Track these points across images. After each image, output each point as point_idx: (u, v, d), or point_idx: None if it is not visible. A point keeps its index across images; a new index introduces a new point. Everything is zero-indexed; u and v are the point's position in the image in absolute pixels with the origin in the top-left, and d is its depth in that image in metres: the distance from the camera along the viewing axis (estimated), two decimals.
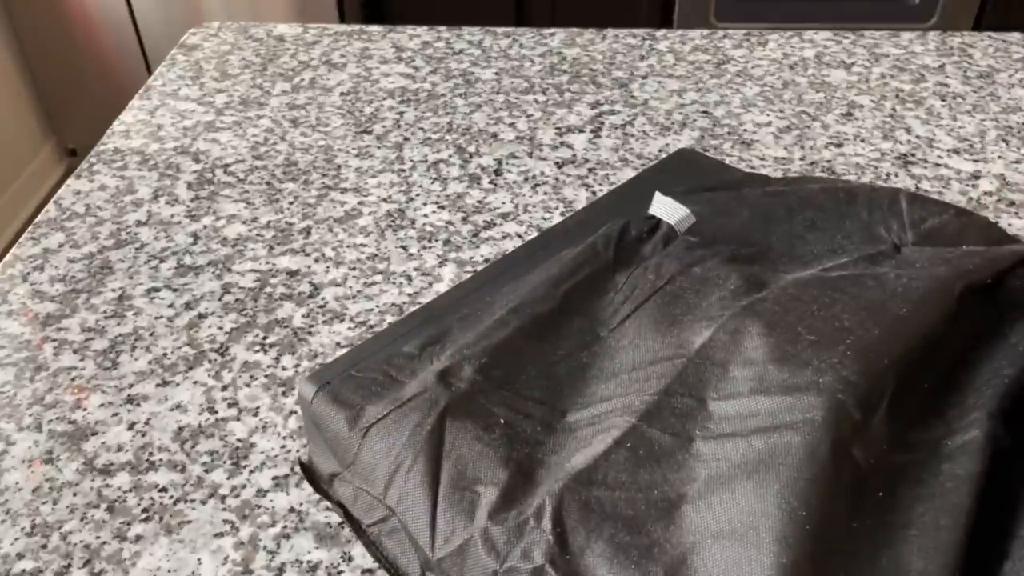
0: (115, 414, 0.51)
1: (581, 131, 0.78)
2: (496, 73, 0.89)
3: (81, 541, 0.44)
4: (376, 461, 0.38)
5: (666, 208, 0.50)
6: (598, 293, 0.46)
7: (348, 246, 0.64)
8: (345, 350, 0.54)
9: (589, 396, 0.39)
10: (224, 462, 0.48)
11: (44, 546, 0.43)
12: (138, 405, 0.51)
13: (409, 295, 0.59)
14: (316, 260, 0.63)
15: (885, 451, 0.35)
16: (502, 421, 0.38)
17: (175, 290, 0.60)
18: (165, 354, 0.55)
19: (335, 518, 0.44)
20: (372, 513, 0.39)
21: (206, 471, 0.47)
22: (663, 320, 0.42)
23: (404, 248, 0.63)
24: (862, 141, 0.76)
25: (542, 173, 0.72)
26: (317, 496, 0.45)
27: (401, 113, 0.82)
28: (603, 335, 0.43)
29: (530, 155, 0.74)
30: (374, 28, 0.99)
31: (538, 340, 0.42)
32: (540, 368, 0.41)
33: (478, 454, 0.36)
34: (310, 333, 0.56)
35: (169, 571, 0.42)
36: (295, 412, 0.50)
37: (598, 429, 0.37)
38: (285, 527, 0.44)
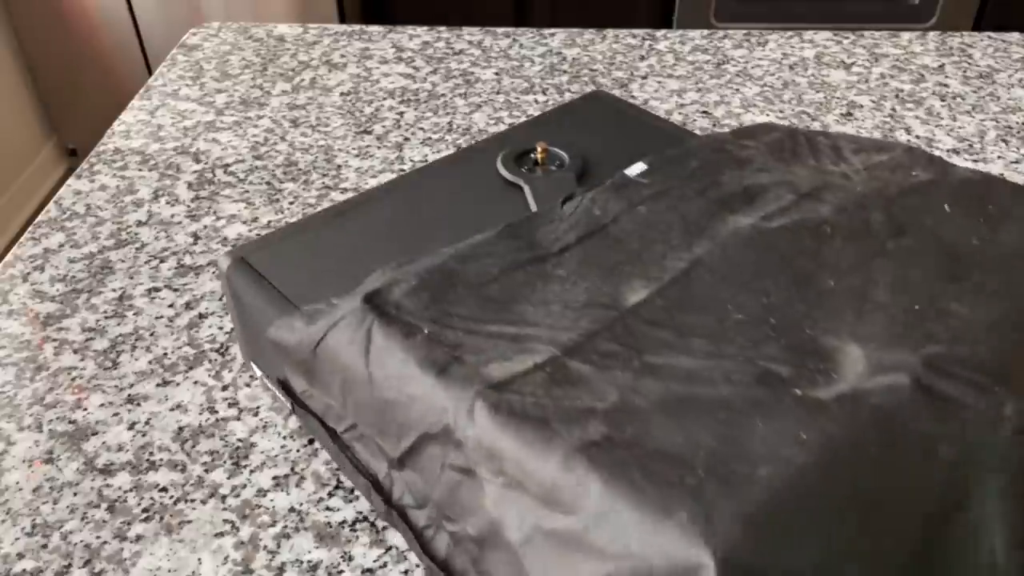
0: (115, 414, 0.51)
1: None
2: (496, 73, 0.89)
3: (81, 541, 0.44)
4: (329, 379, 0.42)
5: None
6: (541, 222, 0.47)
7: None
8: None
9: (516, 314, 0.41)
10: (224, 462, 0.48)
11: (44, 546, 0.44)
12: (138, 405, 0.51)
13: None
14: None
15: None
16: (425, 331, 0.40)
17: (175, 290, 0.60)
18: (165, 354, 0.55)
19: (335, 518, 0.45)
20: (342, 422, 0.43)
21: (206, 471, 0.47)
22: (603, 266, 0.44)
23: None
24: None
25: None
26: (317, 496, 0.45)
27: (401, 113, 0.82)
28: (541, 258, 0.44)
29: None
30: (374, 28, 0.99)
31: (473, 262, 0.44)
32: (471, 288, 0.42)
33: (400, 362, 0.38)
34: None
35: (169, 571, 0.42)
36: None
37: (520, 348, 0.38)
38: (285, 527, 0.44)
